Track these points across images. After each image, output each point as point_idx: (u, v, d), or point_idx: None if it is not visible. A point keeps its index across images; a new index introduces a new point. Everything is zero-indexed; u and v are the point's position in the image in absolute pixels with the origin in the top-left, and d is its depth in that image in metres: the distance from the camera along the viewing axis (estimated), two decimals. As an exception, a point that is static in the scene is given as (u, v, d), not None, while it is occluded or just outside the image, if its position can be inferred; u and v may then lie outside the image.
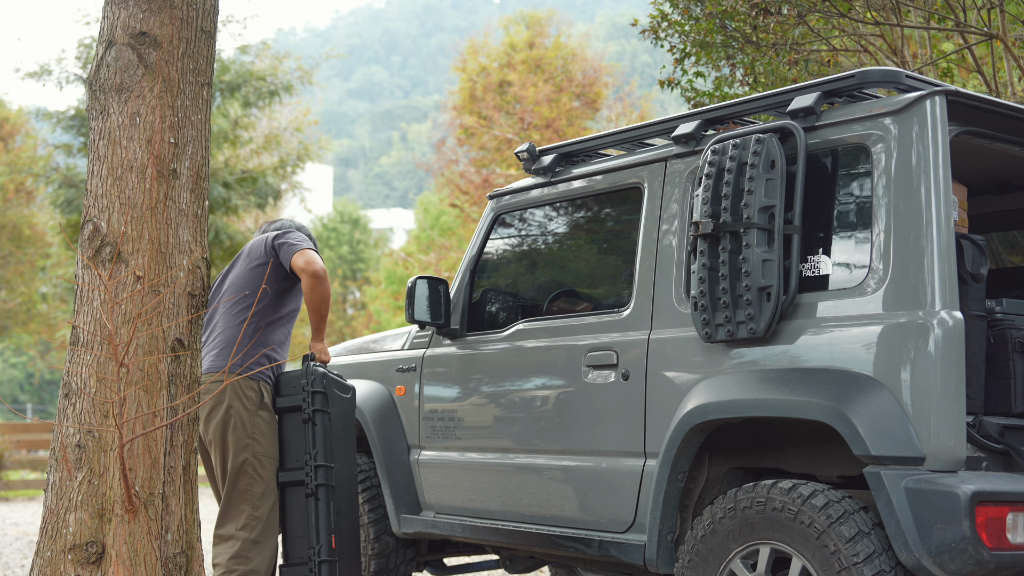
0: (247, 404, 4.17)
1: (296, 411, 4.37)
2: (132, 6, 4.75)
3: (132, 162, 4.67)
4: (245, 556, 3.94)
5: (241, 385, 4.21)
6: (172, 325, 4.68)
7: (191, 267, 4.76)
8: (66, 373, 4.67)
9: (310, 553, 4.18)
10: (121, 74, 4.72)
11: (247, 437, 4.10)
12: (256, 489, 4.06)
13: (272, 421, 4.24)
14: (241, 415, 4.16)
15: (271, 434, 4.20)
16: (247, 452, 4.09)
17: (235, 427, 4.14)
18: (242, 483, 4.03)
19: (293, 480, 4.33)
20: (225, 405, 4.20)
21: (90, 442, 4.55)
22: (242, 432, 4.14)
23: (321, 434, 4.25)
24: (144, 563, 4.51)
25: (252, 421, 4.14)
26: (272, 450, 4.19)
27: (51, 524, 4.56)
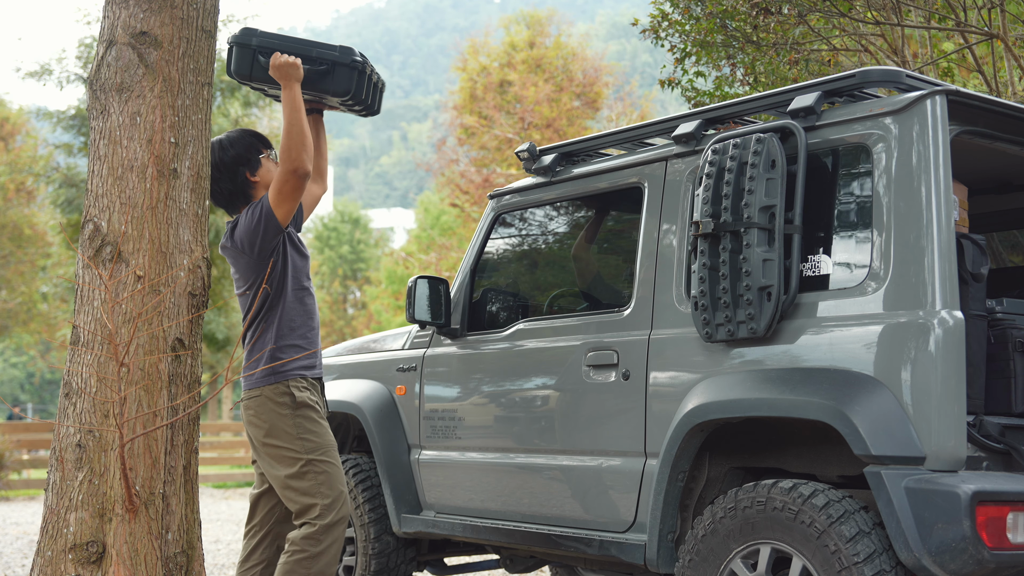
0: (284, 411, 4.04)
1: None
2: (133, 6, 4.75)
3: (132, 162, 4.68)
4: (318, 539, 3.96)
5: (268, 397, 4.07)
6: (173, 325, 4.69)
7: (191, 267, 4.77)
8: (67, 373, 4.67)
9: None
10: (122, 74, 4.73)
11: (296, 439, 4.03)
12: (322, 481, 3.99)
13: (313, 414, 4.07)
14: (280, 426, 4.04)
15: (317, 427, 4.06)
16: (303, 454, 4.03)
17: (278, 437, 4.04)
18: (307, 481, 4.00)
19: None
20: (265, 426, 4.08)
21: (91, 442, 4.55)
22: (287, 438, 4.04)
23: None
24: (145, 563, 4.51)
25: (295, 424, 4.03)
26: (325, 439, 4.05)
27: (52, 524, 4.56)
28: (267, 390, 4.08)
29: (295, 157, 3.93)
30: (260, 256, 4.10)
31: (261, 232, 4.06)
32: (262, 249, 4.08)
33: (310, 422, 4.06)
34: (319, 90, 4.17)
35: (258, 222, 4.06)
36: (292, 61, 4.02)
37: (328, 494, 3.98)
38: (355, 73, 4.16)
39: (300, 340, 4.14)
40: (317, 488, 3.99)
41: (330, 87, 4.14)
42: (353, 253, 43.06)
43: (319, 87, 4.15)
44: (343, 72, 4.13)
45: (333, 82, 4.13)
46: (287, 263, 4.14)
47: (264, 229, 4.05)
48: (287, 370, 4.10)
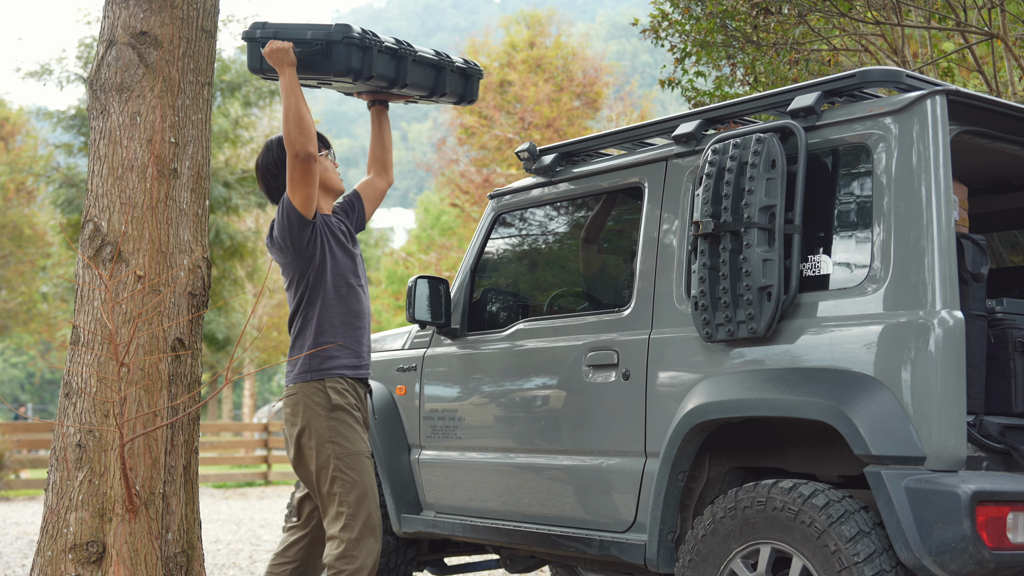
0: (319, 411, 3.99)
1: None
2: (133, 6, 4.75)
3: (133, 162, 4.68)
4: (351, 555, 3.90)
5: (305, 395, 4.02)
6: (173, 325, 4.69)
7: (192, 267, 4.77)
8: (67, 373, 4.67)
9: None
10: (122, 74, 4.73)
11: (327, 442, 4.01)
12: (348, 490, 3.94)
13: (347, 418, 4.01)
14: (314, 425, 3.99)
15: (351, 432, 4.00)
16: (332, 458, 3.98)
17: (310, 437, 4.00)
18: (334, 488, 3.96)
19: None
20: (300, 423, 4.03)
21: (91, 442, 4.55)
22: (319, 439, 3.98)
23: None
24: (145, 562, 4.51)
25: (328, 426, 3.98)
26: (357, 446, 4.00)
27: (52, 523, 4.56)
28: (304, 388, 4.02)
29: (293, 141, 3.90)
30: (296, 250, 4.04)
31: (287, 225, 4.01)
32: (295, 243, 4.02)
33: (344, 426, 3.99)
34: (322, 72, 4.11)
35: (283, 216, 4.02)
36: (281, 46, 3.99)
37: (353, 503, 3.94)
38: (353, 50, 4.07)
39: (342, 338, 4.06)
40: (344, 496, 3.94)
41: (330, 67, 4.08)
42: (353, 253, 42.95)
43: (321, 69, 4.09)
44: (340, 50, 4.05)
45: (332, 62, 4.06)
46: (326, 259, 4.07)
47: (289, 222, 4.00)
48: (324, 368, 4.03)
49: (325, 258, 4.08)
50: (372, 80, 4.20)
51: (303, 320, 4.10)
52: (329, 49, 4.04)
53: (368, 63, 4.11)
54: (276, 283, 28.25)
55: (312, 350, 4.04)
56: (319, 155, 4.14)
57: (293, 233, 4.01)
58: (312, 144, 3.93)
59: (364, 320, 4.16)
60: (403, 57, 4.25)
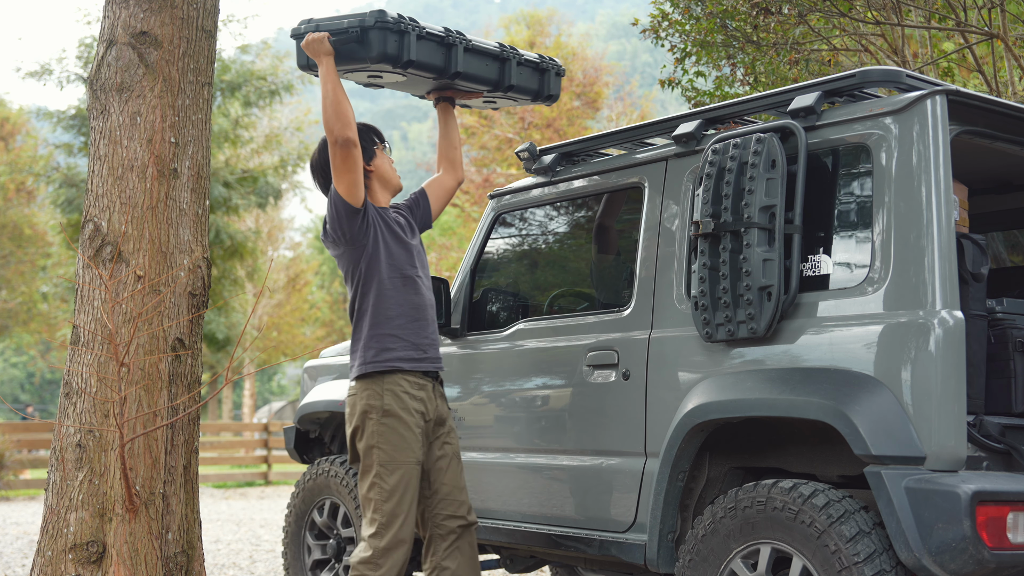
0: (371, 415, 3.94)
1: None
2: (133, 6, 4.75)
3: (133, 161, 4.68)
4: (376, 563, 3.87)
5: (364, 396, 3.97)
6: (173, 324, 4.69)
7: (192, 266, 4.77)
8: (67, 373, 4.67)
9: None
10: (122, 74, 4.73)
11: (374, 447, 3.92)
12: (384, 499, 3.89)
13: (397, 425, 3.94)
14: (365, 428, 3.95)
15: (399, 440, 3.93)
16: (375, 464, 3.92)
17: (360, 438, 3.97)
18: (371, 493, 3.92)
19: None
20: (353, 423, 4.00)
21: (91, 442, 4.55)
22: (367, 443, 3.94)
23: None
24: (145, 562, 4.51)
25: (377, 431, 3.93)
26: (403, 456, 3.92)
27: (52, 523, 4.56)
28: (361, 388, 3.98)
29: (332, 128, 3.89)
30: (348, 240, 4.00)
31: (335, 215, 3.99)
32: (345, 232, 3.99)
33: (392, 433, 3.93)
34: (359, 60, 4.03)
35: (331, 206, 4.00)
36: (317, 36, 3.98)
37: (387, 512, 3.90)
38: (387, 34, 3.98)
39: (398, 330, 4.00)
40: (380, 504, 3.90)
41: (366, 54, 4.00)
42: (353, 253, 43.02)
43: (358, 57, 4.02)
44: (374, 35, 3.97)
45: (367, 48, 3.98)
46: (379, 249, 4.02)
47: (337, 211, 3.98)
48: (380, 360, 3.98)
49: (379, 248, 4.02)
50: (414, 67, 4.10)
51: (359, 312, 4.05)
52: (364, 35, 3.98)
53: (405, 48, 4.01)
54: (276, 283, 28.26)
55: (368, 342, 4.00)
56: (375, 148, 4.15)
57: (342, 222, 3.97)
58: (350, 130, 3.90)
59: (424, 312, 4.08)
60: (452, 45, 4.16)
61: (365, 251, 4.01)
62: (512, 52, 4.37)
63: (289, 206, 30.02)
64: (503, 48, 4.35)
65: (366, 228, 4.01)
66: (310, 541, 5.27)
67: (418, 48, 4.05)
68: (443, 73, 4.19)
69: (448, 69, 4.19)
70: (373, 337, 3.99)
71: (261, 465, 18.37)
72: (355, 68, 4.11)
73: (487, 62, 4.29)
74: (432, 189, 4.40)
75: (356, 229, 3.99)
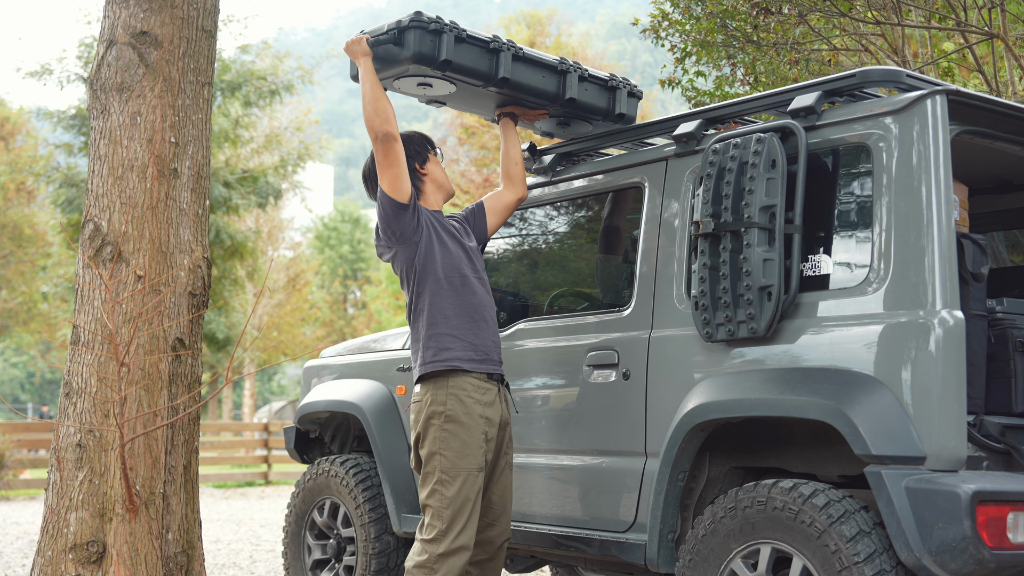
0: (435, 420, 3.92)
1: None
2: (133, 5, 4.76)
3: (133, 161, 4.68)
4: (431, 568, 3.84)
5: (429, 401, 3.93)
6: (173, 324, 4.69)
7: (192, 266, 4.77)
8: (67, 372, 4.67)
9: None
10: (122, 73, 4.73)
11: (436, 453, 3.90)
12: (444, 506, 3.86)
13: (459, 431, 3.90)
14: (428, 434, 3.92)
15: (462, 447, 3.90)
16: (437, 470, 3.89)
17: (423, 444, 3.93)
18: (431, 500, 3.88)
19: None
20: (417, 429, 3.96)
21: (91, 441, 4.55)
22: (430, 448, 3.91)
23: None
24: (145, 562, 4.51)
25: (440, 437, 3.90)
26: (464, 462, 3.89)
27: (52, 523, 4.56)
28: (426, 392, 3.94)
29: (372, 124, 3.91)
30: (399, 238, 3.97)
31: (383, 214, 3.97)
32: (395, 230, 3.96)
33: (455, 439, 3.90)
34: (398, 61, 4.01)
35: (380, 207, 3.98)
36: (355, 38, 4.03)
37: (447, 519, 3.86)
38: (422, 33, 3.96)
39: (456, 330, 3.96)
40: (440, 510, 3.87)
41: (403, 55, 3.98)
42: (353, 253, 43.08)
43: (398, 59, 4.00)
44: (409, 35, 3.95)
45: (403, 48, 3.97)
46: (434, 247, 4.00)
47: (385, 210, 3.96)
48: (439, 360, 3.95)
49: (433, 247, 4.00)
50: (454, 70, 4.05)
51: (416, 312, 4.02)
52: (401, 36, 3.97)
53: (440, 48, 3.98)
54: (276, 283, 28.26)
55: (427, 342, 3.98)
56: (428, 154, 4.16)
57: (390, 220, 3.95)
58: (389, 125, 3.91)
59: (483, 312, 4.03)
60: (499, 51, 4.11)
61: (419, 249, 3.98)
62: (575, 66, 4.32)
63: (289, 206, 29.99)
64: (563, 61, 4.30)
65: (416, 225, 3.99)
66: (310, 541, 5.27)
67: (458, 51, 4.01)
68: (488, 80, 4.13)
69: (493, 75, 4.12)
70: (431, 337, 3.97)
71: (261, 465, 18.37)
72: (396, 73, 4.08)
73: (543, 73, 4.23)
74: (491, 202, 4.36)
75: (405, 225, 3.96)
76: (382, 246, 4.07)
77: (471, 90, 4.23)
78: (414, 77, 4.13)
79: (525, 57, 4.18)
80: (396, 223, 3.96)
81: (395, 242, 4.00)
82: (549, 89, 4.26)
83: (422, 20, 3.95)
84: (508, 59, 4.11)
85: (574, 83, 4.29)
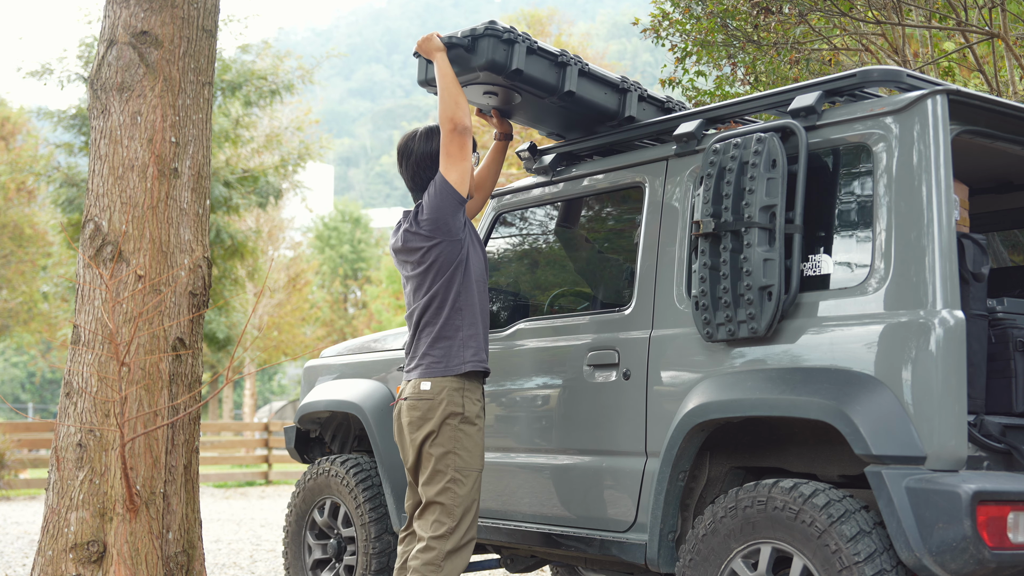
0: (450, 421, 3.91)
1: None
2: (133, 5, 4.76)
3: (133, 161, 4.68)
4: (439, 565, 3.85)
5: (442, 400, 3.92)
6: (173, 324, 4.69)
7: (192, 266, 4.77)
8: (67, 372, 4.67)
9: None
10: (122, 73, 4.73)
11: (451, 452, 3.89)
12: (455, 504, 3.88)
13: (472, 431, 3.94)
14: (443, 434, 3.91)
15: (474, 447, 3.94)
16: (450, 469, 3.89)
17: (433, 444, 3.91)
18: (442, 498, 3.88)
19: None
20: (427, 428, 3.93)
21: (91, 441, 4.55)
22: (443, 448, 3.90)
23: None
24: (145, 562, 4.51)
25: (455, 437, 3.91)
26: (476, 463, 3.95)
27: (52, 523, 4.56)
28: (439, 389, 3.91)
29: (453, 115, 3.93)
30: (447, 232, 3.95)
31: (440, 203, 3.94)
32: (448, 223, 3.94)
33: (468, 439, 3.94)
34: (469, 67, 4.08)
35: (437, 195, 3.95)
36: (428, 36, 4.10)
37: (457, 516, 3.90)
38: (496, 42, 4.03)
39: (484, 332, 4.02)
40: (451, 508, 3.89)
41: (474, 61, 4.06)
42: (354, 252, 43.06)
43: (467, 64, 4.08)
44: (483, 43, 4.04)
45: (476, 55, 4.05)
46: (470, 249, 4.01)
47: (443, 200, 3.94)
48: (468, 360, 3.96)
49: (469, 248, 4.01)
50: (523, 80, 4.11)
51: (451, 308, 3.96)
52: (474, 44, 4.05)
53: (512, 57, 4.04)
54: (276, 283, 28.26)
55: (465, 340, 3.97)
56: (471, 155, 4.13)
57: (447, 212, 3.93)
58: (468, 119, 3.97)
59: (488, 318, 4.13)
60: (566, 64, 4.19)
61: (463, 247, 3.98)
62: (635, 85, 4.37)
63: (289, 206, 29.97)
64: (624, 79, 4.36)
65: (463, 224, 4.00)
66: (311, 541, 5.27)
67: (528, 62, 4.09)
68: (554, 92, 4.19)
69: (559, 88, 4.19)
70: (471, 337, 3.97)
71: (262, 465, 18.37)
72: (465, 80, 4.14)
73: (605, 90, 4.30)
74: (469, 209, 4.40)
75: (457, 221, 3.96)
76: (422, 235, 3.97)
77: (534, 102, 4.29)
78: (481, 85, 4.21)
79: (589, 73, 4.27)
80: (452, 217, 3.95)
81: (442, 235, 3.95)
82: (610, 106, 4.33)
83: (496, 29, 4.05)
84: (574, 73, 4.19)
85: (634, 102, 4.36)
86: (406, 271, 4.09)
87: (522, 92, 4.21)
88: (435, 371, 3.94)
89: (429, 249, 3.97)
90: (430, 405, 3.93)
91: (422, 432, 3.94)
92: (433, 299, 3.98)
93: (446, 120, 3.95)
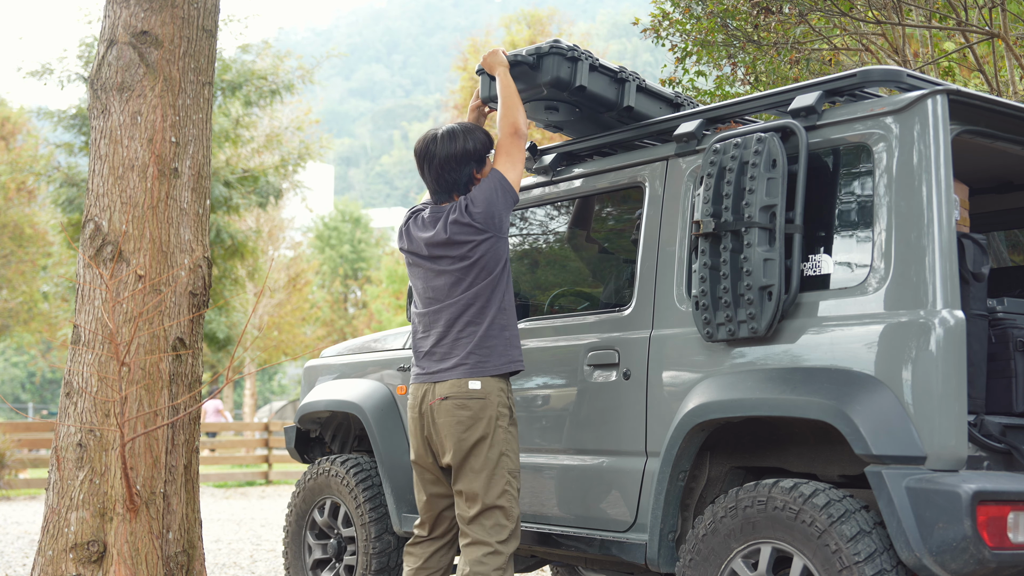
0: (502, 422, 3.90)
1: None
2: (133, 5, 4.76)
3: (133, 161, 4.68)
4: (505, 569, 3.90)
5: (493, 402, 3.89)
6: (173, 324, 4.69)
7: (192, 266, 4.77)
8: (68, 372, 4.67)
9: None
10: (122, 73, 4.73)
11: (504, 455, 3.89)
12: (514, 505, 3.91)
13: (516, 432, 3.98)
14: (498, 436, 3.89)
15: (516, 445, 3.97)
16: (506, 471, 3.89)
17: (491, 446, 3.88)
18: (502, 501, 3.87)
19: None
20: (480, 431, 3.88)
21: (91, 441, 4.55)
22: (499, 451, 3.89)
23: None
24: (145, 562, 4.51)
25: (506, 438, 3.91)
26: (519, 460, 4.00)
27: (53, 523, 4.56)
28: (490, 391, 3.89)
29: (513, 120, 4.06)
30: (499, 228, 3.95)
31: (497, 199, 3.96)
32: (501, 220, 3.96)
33: (515, 440, 3.96)
34: (533, 84, 4.22)
35: (495, 190, 3.96)
36: (492, 51, 4.24)
37: (516, 518, 3.94)
38: (560, 60, 4.17)
39: (517, 330, 4.05)
40: (511, 510, 3.92)
41: (539, 78, 4.20)
42: (354, 252, 43.07)
43: (532, 81, 4.22)
44: (548, 60, 4.18)
45: (541, 72, 4.20)
46: (508, 249, 4.05)
47: (500, 197, 3.96)
48: (516, 359, 3.97)
49: (508, 246, 4.06)
50: (586, 97, 4.23)
51: (500, 306, 3.94)
52: (539, 61, 4.20)
53: (576, 74, 4.18)
54: (276, 283, 28.26)
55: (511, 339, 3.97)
56: (487, 158, 4.15)
57: (503, 210, 3.97)
58: (525, 124, 4.11)
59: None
60: (625, 80, 4.31)
61: (507, 247, 4.03)
62: (686, 100, 4.49)
63: (289, 206, 29.97)
64: (678, 95, 4.48)
65: (508, 224, 4.06)
66: (311, 540, 5.27)
67: (591, 79, 4.22)
68: (614, 108, 4.32)
69: (619, 103, 4.31)
70: (515, 336, 4.00)
71: (262, 465, 18.38)
72: (528, 96, 4.26)
73: (660, 105, 4.42)
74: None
75: (507, 219, 4.03)
76: (475, 228, 3.92)
77: (592, 117, 4.42)
78: (543, 101, 4.35)
79: (646, 89, 4.39)
80: (505, 212, 4.00)
81: (494, 229, 3.95)
82: (617, 101, 4.40)
83: (561, 48, 4.18)
84: (632, 89, 4.32)
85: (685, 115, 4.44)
86: (441, 265, 3.97)
87: (582, 107, 4.34)
88: (484, 370, 3.89)
89: (478, 244, 3.92)
90: (482, 404, 3.87)
91: (474, 432, 3.86)
92: (477, 296, 3.92)
93: (508, 125, 4.06)
